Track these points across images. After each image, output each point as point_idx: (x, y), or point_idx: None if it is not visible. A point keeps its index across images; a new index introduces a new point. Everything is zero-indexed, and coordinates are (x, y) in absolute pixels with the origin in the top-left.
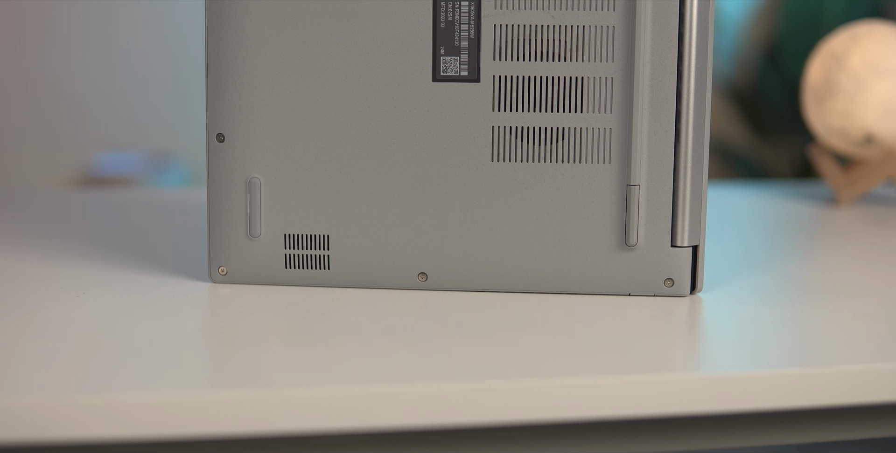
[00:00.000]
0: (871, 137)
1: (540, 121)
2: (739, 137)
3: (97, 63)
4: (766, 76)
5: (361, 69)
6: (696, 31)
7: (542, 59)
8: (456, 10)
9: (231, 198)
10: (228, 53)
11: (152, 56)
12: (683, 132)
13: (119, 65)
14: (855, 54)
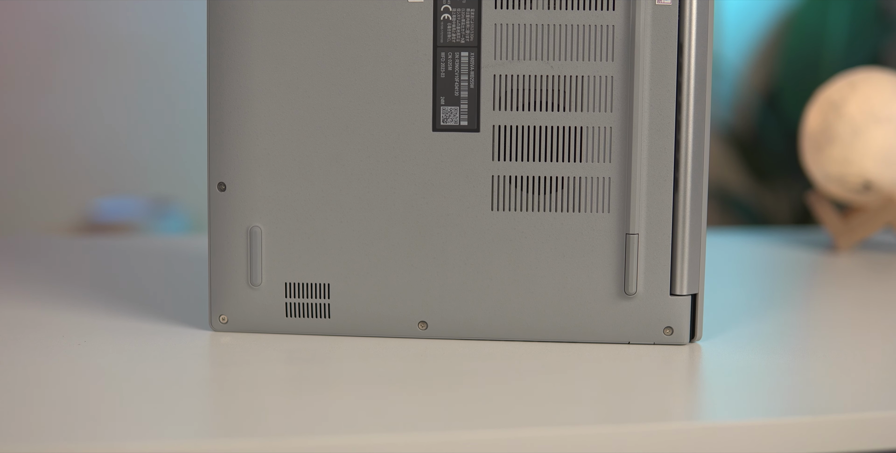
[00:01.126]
0: (870, 184)
1: (539, 170)
2: (739, 183)
3: (97, 108)
4: (766, 121)
5: (362, 119)
6: (694, 81)
7: (542, 109)
8: (456, 61)
9: (232, 246)
10: (230, 103)
11: (152, 102)
12: (682, 181)
13: (119, 110)
14: (853, 102)
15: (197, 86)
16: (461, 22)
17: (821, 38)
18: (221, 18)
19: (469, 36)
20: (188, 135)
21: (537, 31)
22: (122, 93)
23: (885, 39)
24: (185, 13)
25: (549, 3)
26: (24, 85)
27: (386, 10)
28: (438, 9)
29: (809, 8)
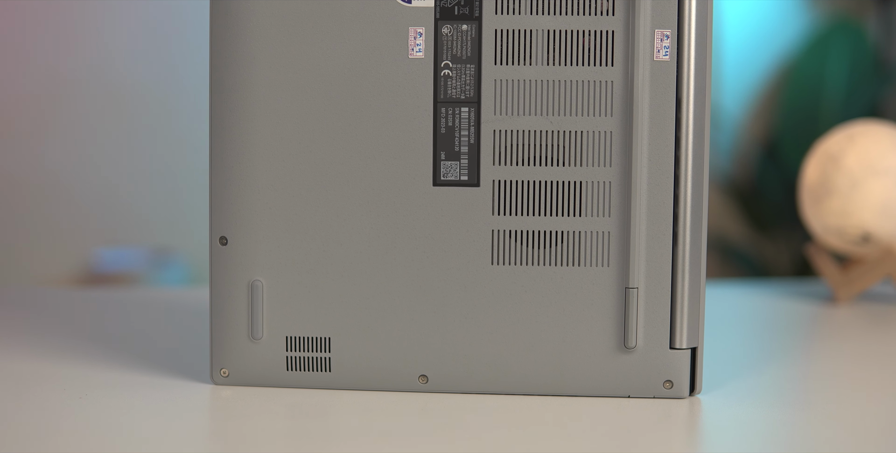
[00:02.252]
0: (869, 236)
1: (539, 224)
2: (739, 233)
3: (98, 159)
4: (765, 172)
5: (363, 173)
6: (693, 136)
7: (541, 164)
8: (456, 116)
9: (233, 300)
10: (232, 156)
11: (153, 153)
12: (681, 235)
13: (120, 161)
14: (851, 154)
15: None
16: (461, 78)
17: (819, 89)
18: (224, 72)
19: (469, 91)
20: (189, 186)
21: (537, 86)
22: (123, 143)
23: (883, 90)
24: (188, 66)
25: (548, 60)
26: (24, 135)
27: (387, 66)
28: (439, 65)
29: (808, 59)
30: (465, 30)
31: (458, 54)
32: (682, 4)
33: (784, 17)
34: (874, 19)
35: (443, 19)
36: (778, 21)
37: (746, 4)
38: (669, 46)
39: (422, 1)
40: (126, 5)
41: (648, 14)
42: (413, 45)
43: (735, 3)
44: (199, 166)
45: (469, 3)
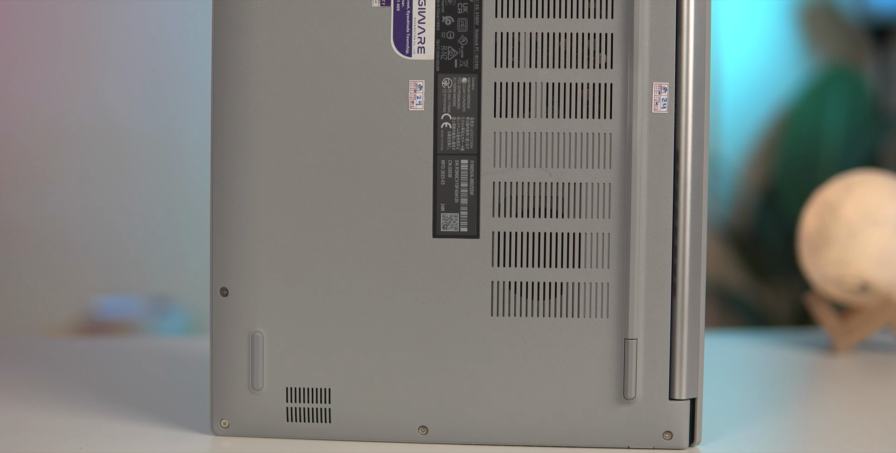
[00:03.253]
0: (867, 285)
1: (538, 276)
2: (738, 281)
3: (98, 205)
4: (764, 219)
5: (363, 225)
6: (691, 188)
7: (540, 216)
8: (456, 168)
9: (234, 351)
10: (232, 208)
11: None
12: (680, 286)
13: (120, 208)
14: (849, 203)
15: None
16: (461, 130)
17: (818, 137)
18: (225, 123)
19: (469, 144)
20: (189, 235)
21: (536, 139)
22: (123, 191)
23: (881, 138)
24: (189, 114)
25: (547, 112)
26: (24, 182)
27: (387, 119)
28: (439, 117)
29: (806, 107)
30: (464, 83)
31: (458, 107)
32: (680, 57)
33: (782, 66)
34: (872, 67)
35: (442, 72)
36: (776, 69)
37: (745, 53)
38: (667, 99)
39: (422, 54)
40: (127, 53)
41: (646, 67)
42: (413, 97)
43: (734, 52)
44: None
45: (468, 57)
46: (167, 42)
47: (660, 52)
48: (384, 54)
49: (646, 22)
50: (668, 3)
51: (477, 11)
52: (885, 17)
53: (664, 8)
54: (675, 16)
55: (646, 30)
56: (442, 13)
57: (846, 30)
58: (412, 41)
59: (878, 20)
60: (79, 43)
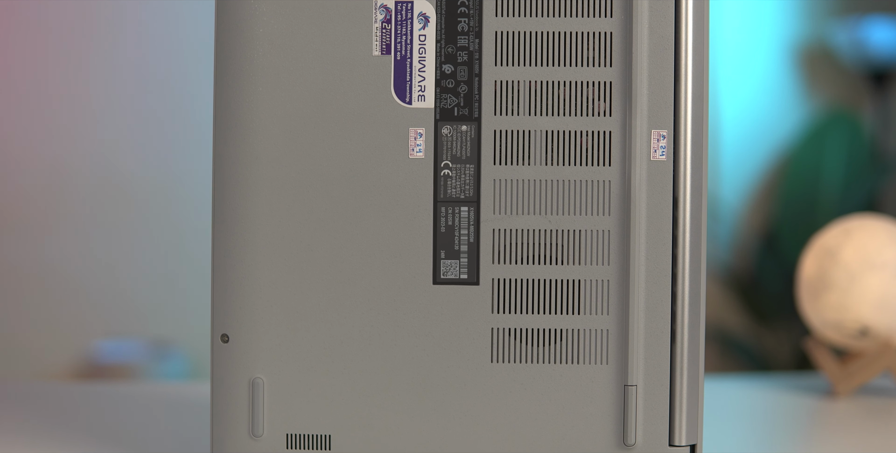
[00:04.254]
0: (867, 330)
1: (538, 322)
2: (739, 324)
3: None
4: (764, 263)
5: (364, 272)
6: (690, 234)
7: (540, 263)
8: (456, 215)
9: (234, 397)
10: (233, 255)
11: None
12: (679, 332)
13: (120, 252)
14: (848, 248)
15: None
16: (461, 177)
17: (817, 181)
18: (226, 170)
19: (469, 191)
20: (189, 278)
21: (535, 186)
22: (123, 235)
23: (880, 181)
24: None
25: (546, 160)
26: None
27: (388, 166)
28: (439, 164)
29: (805, 151)
30: (464, 130)
31: (458, 154)
32: (678, 105)
33: (781, 109)
34: (870, 111)
35: (443, 120)
36: (776, 113)
37: (744, 96)
38: (666, 146)
39: (422, 102)
40: (129, 99)
41: (645, 115)
42: (413, 145)
43: (733, 96)
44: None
45: (468, 104)
46: (169, 88)
47: (658, 99)
48: (385, 102)
49: (644, 70)
50: (665, 52)
51: (477, 60)
52: (883, 60)
53: (662, 56)
54: (672, 64)
55: (644, 78)
56: (442, 62)
57: (844, 74)
58: (412, 89)
59: (877, 64)
60: (80, 89)
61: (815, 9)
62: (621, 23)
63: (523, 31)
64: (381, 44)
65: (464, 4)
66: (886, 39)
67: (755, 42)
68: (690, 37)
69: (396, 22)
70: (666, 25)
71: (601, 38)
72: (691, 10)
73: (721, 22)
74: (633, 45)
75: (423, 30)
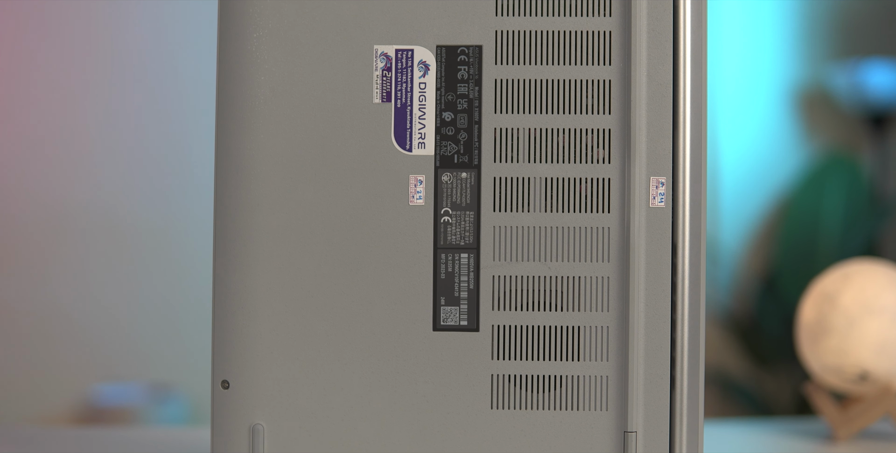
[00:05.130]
0: (867, 375)
1: (538, 369)
2: (739, 368)
3: (97, 292)
4: (764, 306)
5: (364, 318)
6: (689, 281)
7: (540, 309)
8: (456, 262)
9: (234, 443)
10: (234, 301)
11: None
12: (679, 379)
13: (119, 294)
14: (847, 293)
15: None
16: (461, 224)
17: (816, 224)
18: (227, 217)
19: (468, 238)
20: (189, 322)
21: (535, 233)
22: (123, 277)
23: (880, 224)
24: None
25: (546, 207)
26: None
27: (388, 213)
28: (439, 211)
29: (804, 194)
30: (464, 177)
31: (458, 201)
32: (677, 152)
33: (781, 153)
34: (869, 154)
35: (443, 167)
36: (775, 156)
37: (744, 140)
38: (665, 193)
39: (422, 149)
40: (128, 140)
41: (644, 162)
42: (414, 192)
43: (733, 139)
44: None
45: (468, 152)
46: (169, 131)
47: (657, 147)
48: (385, 149)
49: (642, 117)
50: (664, 99)
51: (476, 107)
52: (881, 104)
53: (661, 103)
54: (671, 111)
55: (643, 125)
56: (442, 109)
57: (843, 117)
58: (412, 137)
59: (875, 107)
60: (80, 131)
61: (814, 52)
62: (620, 70)
63: (523, 79)
64: (381, 91)
65: (464, 52)
66: (885, 83)
67: (754, 85)
68: (689, 84)
69: (397, 70)
70: (664, 73)
71: (600, 86)
72: (689, 57)
73: (720, 66)
74: (632, 92)
75: (424, 77)
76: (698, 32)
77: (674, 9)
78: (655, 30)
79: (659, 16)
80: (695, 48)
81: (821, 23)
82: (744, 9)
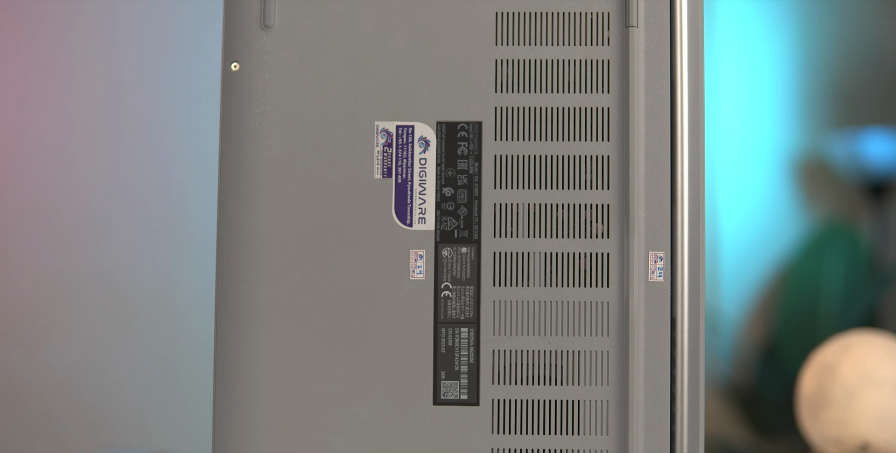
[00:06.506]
0: (867, 446)
1: (538, 443)
2: (739, 437)
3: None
4: (765, 375)
5: (364, 393)
6: (688, 354)
7: (540, 383)
8: (456, 336)
9: None
10: (235, 376)
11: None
12: (679, 451)
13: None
14: (847, 364)
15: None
16: (461, 299)
17: (816, 293)
18: (228, 290)
19: (469, 312)
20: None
21: (535, 307)
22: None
23: (880, 294)
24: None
25: (545, 281)
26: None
27: (389, 288)
28: (439, 286)
29: (804, 264)
30: (464, 252)
31: (458, 276)
32: (675, 227)
33: (780, 222)
34: (868, 223)
35: (443, 242)
36: (774, 225)
37: (743, 209)
38: (663, 268)
39: (422, 224)
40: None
41: (642, 237)
42: (414, 267)
43: (732, 208)
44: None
45: (468, 227)
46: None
47: (655, 222)
48: (386, 224)
49: (641, 193)
50: (662, 174)
51: (476, 183)
52: (880, 173)
53: (659, 179)
54: (669, 187)
55: (641, 200)
56: (442, 185)
57: (842, 186)
58: (413, 212)
59: (874, 177)
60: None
61: (812, 122)
62: (618, 146)
63: (522, 155)
64: (382, 167)
65: (463, 128)
66: (883, 152)
67: (753, 155)
68: (686, 160)
69: (398, 146)
70: (662, 148)
71: (598, 162)
72: (686, 133)
73: (718, 136)
74: (630, 168)
75: (424, 153)
76: (695, 107)
77: (671, 84)
78: (653, 106)
79: (656, 92)
80: (692, 123)
81: (819, 92)
82: (742, 79)
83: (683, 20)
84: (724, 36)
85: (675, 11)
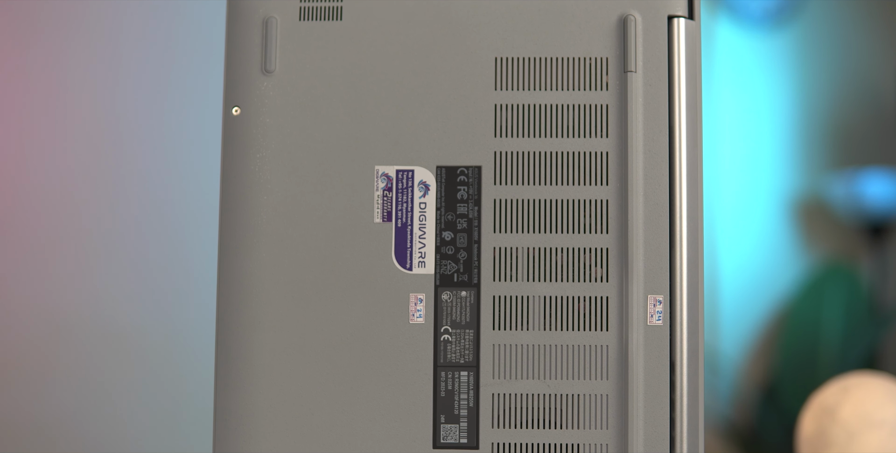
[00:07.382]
0: None
1: None
2: None
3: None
4: (764, 416)
5: (364, 436)
6: (688, 398)
7: (539, 427)
8: (456, 380)
9: None
10: (235, 418)
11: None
12: None
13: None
14: (846, 406)
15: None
16: (461, 342)
17: (816, 334)
18: (228, 334)
19: (468, 356)
20: (191, 435)
21: (534, 351)
22: (124, 386)
23: (880, 334)
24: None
25: (545, 325)
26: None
27: (388, 331)
28: (439, 330)
29: (803, 304)
30: (464, 296)
31: (458, 320)
32: (674, 271)
33: (779, 263)
34: (868, 264)
35: (442, 286)
36: (773, 266)
37: (743, 250)
38: (662, 311)
39: (422, 268)
40: (129, 249)
41: (641, 280)
42: (414, 310)
43: (731, 249)
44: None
45: (468, 271)
46: (172, 245)
47: (654, 265)
48: (386, 268)
49: (639, 236)
50: (661, 218)
51: (476, 227)
52: (879, 214)
53: (657, 222)
54: (668, 230)
55: (640, 244)
56: (442, 229)
57: (841, 227)
58: (413, 256)
59: (873, 217)
60: (79, 239)
61: (811, 163)
62: (617, 190)
63: (522, 199)
64: (382, 211)
65: (463, 173)
66: (882, 192)
67: (752, 196)
68: (685, 204)
69: (398, 190)
70: (661, 193)
71: (597, 206)
72: (685, 177)
73: (717, 178)
74: (629, 212)
75: (424, 197)
76: (694, 151)
77: (669, 128)
78: (651, 150)
79: (655, 136)
80: (690, 167)
81: (818, 133)
82: (741, 120)
83: (681, 65)
84: (723, 77)
85: (673, 56)
